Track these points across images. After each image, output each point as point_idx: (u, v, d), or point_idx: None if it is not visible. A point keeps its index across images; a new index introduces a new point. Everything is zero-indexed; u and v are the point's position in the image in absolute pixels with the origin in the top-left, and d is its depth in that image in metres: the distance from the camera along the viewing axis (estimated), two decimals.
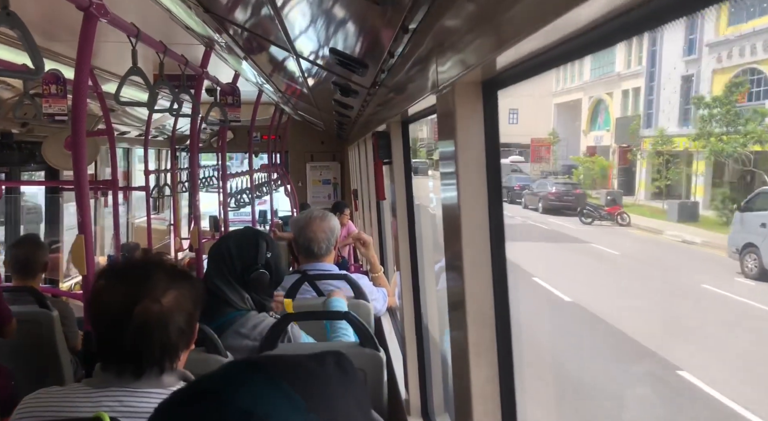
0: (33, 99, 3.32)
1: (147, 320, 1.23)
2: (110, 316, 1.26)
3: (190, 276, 1.36)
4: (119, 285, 1.27)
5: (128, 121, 6.26)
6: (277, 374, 0.53)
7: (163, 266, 1.31)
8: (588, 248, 11.95)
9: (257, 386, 0.51)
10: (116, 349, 1.27)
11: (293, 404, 0.50)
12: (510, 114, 23.31)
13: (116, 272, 1.33)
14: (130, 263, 1.36)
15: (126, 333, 1.24)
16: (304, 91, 3.69)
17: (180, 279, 1.30)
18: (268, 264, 2.06)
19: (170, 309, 1.25)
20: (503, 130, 0.98)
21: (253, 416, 0.48)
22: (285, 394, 0.50)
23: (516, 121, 24.03)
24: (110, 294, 1.27)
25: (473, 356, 1.05)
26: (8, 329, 2.90)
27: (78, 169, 2.15)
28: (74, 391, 1.31)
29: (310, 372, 0.54)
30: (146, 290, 1.25)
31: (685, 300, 7.75)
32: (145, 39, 2.49)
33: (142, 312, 1.23)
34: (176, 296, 1.27)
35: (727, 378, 5.79)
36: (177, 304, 1.27)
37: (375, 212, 4.57)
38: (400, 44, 1.30)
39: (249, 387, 0.51)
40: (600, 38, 0.65)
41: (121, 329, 1.24)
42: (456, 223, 1.10)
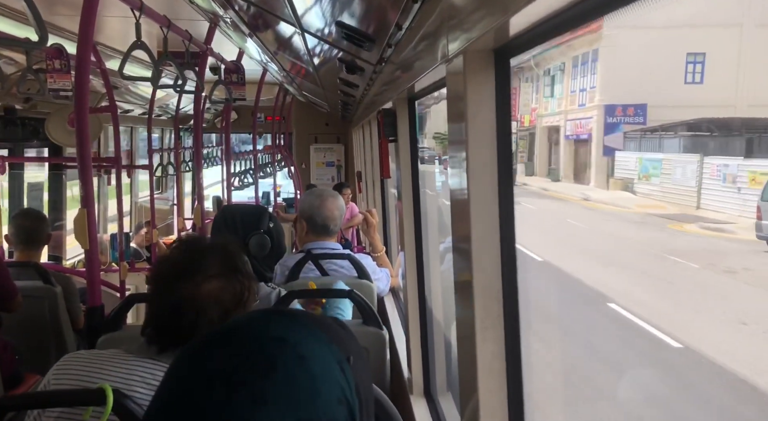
0: (36, 74, 3.30)
1: (181, 302, 1.24)
2: (158, 284, 1.29)
3: (244, 273, 1.32)
4: (177, 257, 1.30)
5: (132, 100, 6.23)
6: (299, 314, 0.60)
7: (223, 254, 1.30)
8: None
9: (285, 321, 0.57)
10: (154, 317, 1.30)
11: (317, 336, 0.56)
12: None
13: (183, 244, 1.34)
14: (196, 239, 1.36)
15: (164, 305, 1.27)
16: (309, 70, 3.65)
17: (231, 272, 1.29)
18: (270, 232, 2.08)
19: (206, 298, 1.25)
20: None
21: (287, 342, 0.54)
22: (309, 328, 0.57)
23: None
24: (166, 264, 1.30)
25: (480, 331, 1.04)
26: (13, 304, 2.91)
27: (81, 144, 2.14)
28: (112, 356, 1.32)
29: (324, 319, 0.61)
30: (191, 272, 1.25)
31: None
32: (148, 13, 2.46)
33: (178, 293, 1.24)
34: (219, 287, 1.26)
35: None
36: (215, 295, 1.26)
37: (379, 193, 4.56)
38: (409, 15, 1.27)
39: (278, 322, 0.57)
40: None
41: (163, 300, 1.27)
42: (465, 198, 1.08)
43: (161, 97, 6.20)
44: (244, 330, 0.56)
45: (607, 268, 8.24)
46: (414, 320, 2.37)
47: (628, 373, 5.49)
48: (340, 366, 0.55)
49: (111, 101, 4.37)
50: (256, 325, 0.56)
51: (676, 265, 7.54)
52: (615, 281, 7.56)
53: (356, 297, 2.10)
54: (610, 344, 6.10)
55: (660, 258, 8.07)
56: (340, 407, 0.53)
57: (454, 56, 0.99)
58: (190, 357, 0.56)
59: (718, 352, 5.22)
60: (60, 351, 3.13)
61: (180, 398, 0.53)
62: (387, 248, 4.20)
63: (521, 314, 1.11)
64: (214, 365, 0.53)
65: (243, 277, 1.31)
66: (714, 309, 6.45)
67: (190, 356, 0.56)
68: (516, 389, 1.06)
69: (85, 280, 2.53)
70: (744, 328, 5.89)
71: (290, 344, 0.54)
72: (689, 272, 7.33)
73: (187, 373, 0.54)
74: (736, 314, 6.13)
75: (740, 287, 6.72)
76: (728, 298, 6.58)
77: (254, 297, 1.38)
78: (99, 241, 2.34)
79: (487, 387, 1.05)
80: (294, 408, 0.51)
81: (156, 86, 3.15)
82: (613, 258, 8.72)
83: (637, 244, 8.89)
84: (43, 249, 3.44)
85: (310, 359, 0.53)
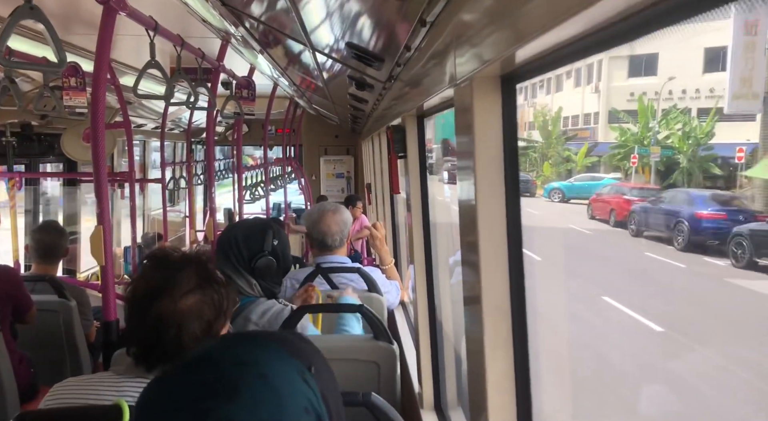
0: (53, 91, 3.36)
1: (162, 318, 1.23)
2: (135, 304, 1.28)
3: (221, 283, 1.32)
4: (151, 275, 1.28)
5: (145, 114, 6.31)
6: (260, 335, 0.64)
7: (197, 266, 1.29)
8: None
9: (246, 344, 0.61)
10: (136, 337, 1.29)
11: (278, 353, 0.59)
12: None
13: (153, 260, 1.32)
14: (167, 254, 1.33)
15: (144, 325, 1.25)
16: (318, 85, 3.69)
17: (208, 284, 1.28)
18: (275, 252, 2.08)
19: (187, 313, 1.24)
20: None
21: (248, 364, 0.56)
22: (270, 347, 0.60)
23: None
24: (141, 282, 1.29)
25: (489, 349, 1.06)
26: (28, 317, 2.95)
27: (97, 160, 2.18)
28: (102, 379, 1.34)
29: (284, 335, 0.64)
30: (170, 288, 1.24)
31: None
32: (163, 32, 2.51)
33: (159, 310, 1.23)
34: (197, 301, 1.25)
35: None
36: (196, 309, 1.25)
37: (389, 206, 4.58)
38: (417, 37, 1.30)
39: (239, 346, 0.61)
40: (622, 32, 0.64)
41: (141, 319, 1.26)
42: (473, 217, 1.10)
43: (174, 111, 6.28)
44: (207, 358, 0.59)
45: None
46: (424, 333, 2.38)
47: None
48: (302, 377, 0.58)
49: (125, 117, 4.44)
50: (219, 351, 0.59)
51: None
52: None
53: (366, 312, 2.12)
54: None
55: None
56: (307, 416, 0.56)
57: (462, 81, 1.02)
58: (158, 388, 0.58)
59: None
60: (74, 364, 3.16)
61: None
62: (397, 261, 4.21)
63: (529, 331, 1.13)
64: (182, 394, 0.56)
65: (220, 286, 1.30)
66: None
67: (158, 386, 0.58)
68: (525, 408, 1.07)
69: (100, 294, 2.57)
70: None
71: (251, 365, 0.56)
72: None
73: (157, 403, 0.57)
74: None
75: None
76: None
77: (234, 304, 1.37)
78: (112, 256, 2.37)
79: (496, 405, 1.06)
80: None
81: (169, 103, 3.20)
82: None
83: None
84: (59, 263, 3.49)
85: (271, 376, 0.56)
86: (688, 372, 5.48)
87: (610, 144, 12.49)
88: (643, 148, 10.63)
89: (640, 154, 10.67)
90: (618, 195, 8.99)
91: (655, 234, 7.45)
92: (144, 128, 6.83)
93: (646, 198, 8.25)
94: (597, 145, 13.62)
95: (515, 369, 1.06)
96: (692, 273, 6.74)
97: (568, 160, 15.31)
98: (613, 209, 8.76)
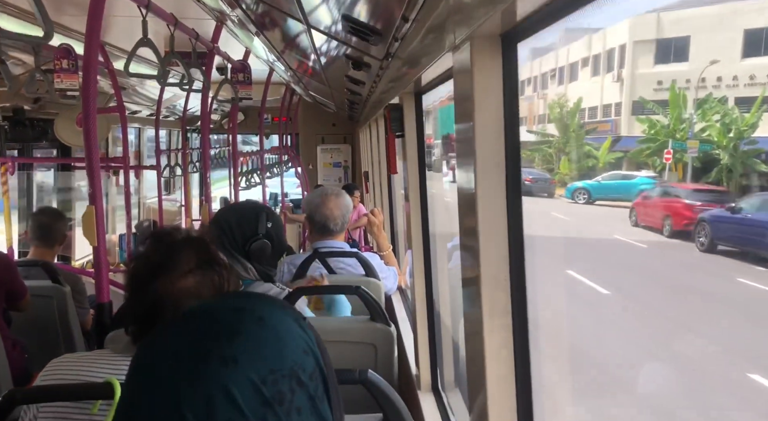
0: (45, 74, 3.32)
1: (160, 298, 1.22)
2: (134, 283, 1.27)
3: (222, 264, 1.31)
4: (150, 254, 1.27)
5: (140, 100, 6.26)
6: (256, 293, 0.65)
7: (197, 247, 1.28)
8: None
9: (237, 295, 0.62)
10: (133, 316, 1.27)
11: (271, 301, 0.60)
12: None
13: (154, 239, 1.31)
14: (169, 234, 1.31)
15: (142, 304, 1.24)
16: (315, 69, 3.65)
17: (208, 265, 1.27)
18: (269, 234, 2.05)
19: (185, 293, 1.23)
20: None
21: (244, 309, 0.57)
22: (261, 297, 0.61)
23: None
24: (141, 261, 1.27)
25: (487, 320, 1.03)
26: (23, 303, 2.92)
27: (89, 143, 2.15)
28: (99, 356, 1.32)
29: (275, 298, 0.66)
30: (168, 267, 1.23)
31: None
32: (155, 10, 2.47)
33: (157, 290, 1.22)
34: (196, 281, 1.24)
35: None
36: (195, 290, 1.24)
37: (386, 192, 4.55)
38: (415, 7, 1.27)
39: (231, 297, 0.63)
40: None
41: (139, 298, 1.25)
42: (472, 191, 1.07)
43: (168, 98, 6.23)
44: (203, 308, 0.58)
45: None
46: (421, 316, 2.37)
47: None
48: (298, 324, 0.58)
49: (119, 102, 4.39)
50: (215, 302, 0.60)
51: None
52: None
53: (364, 293, 2.10)
54: None
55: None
56: (307, 356, 0.56)
57: (461, 43, 0.99)
58: (154, 340, 0.57)
59: None
60: (69, 350, 3.14)
61: (150, 380, 0.54)
62: (394, 246, 4.19)
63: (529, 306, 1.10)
64: (180, 341, 0.55)
65: (220, 267, 1.29)
66: None
67: (154, 339, 0.57)
68: (524, 380, 1.05)
69: (94, 281, 2.54)
70: None
71: (248, 310, 0.57)
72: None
73: (155, 353, 0.55)
74: None
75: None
76: None
77: (236, 287, 1.35)
78: (107, 241, 2.35)
79: (495, 376, 1.04)
80: (264, 361, 0.53)
81: (163, 84, 3.16)
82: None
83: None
84: (58, 248, 3.45)
85: (269, 319, 0.57)
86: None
87: (636, 138, 11.13)
88: (679, 143, 9.34)
89: (675, 148, 9.33)
90: (674, 199, 7.37)
91: (735, 250, 5.56)
92: (139, 115, 6.78)
93: (715, 202, 6.63)
94: (620, 139, 12.34)
95: (514, 340, 1.04)
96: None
97: (588, 155, 13.96)
98: (668, 216, 7.09)
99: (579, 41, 12.60)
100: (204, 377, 0.51)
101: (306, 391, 0.54)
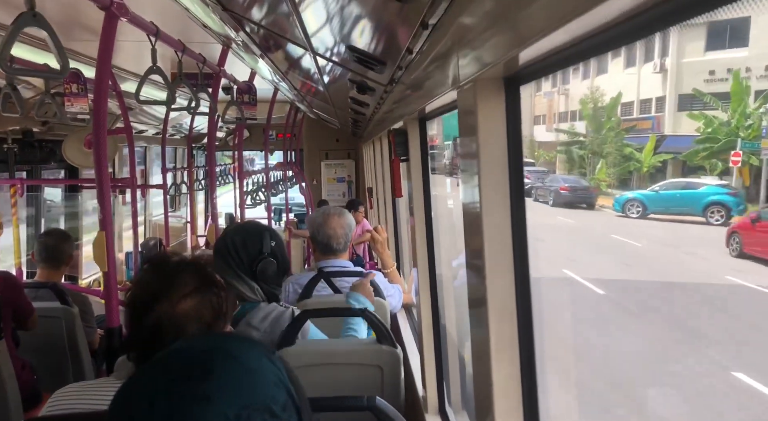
0: (54, 98, 3.37)
1: (161, 322, 1.23)
2: (134, 309, 1.28)
3: (220, 285, 1.32)
4: (149, 280, 1.28)
5: (146, 120, 6.32)
6: (218, 333, 0.72)
7: (194, 270, 1.29)
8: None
9: (209, 337, 0.65)
10: (136, 342, 1.29)
11: (241, 339, 0.63)
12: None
13: (152, 265, 1.33)
14: (165, 259, 1.33)
15: (143, 329, 1.25)
16: (319, 89, 3.70)
17: (207, 287, 1.28)
18: (274, 253, 2.07)
19: (185, 316, 1.24)
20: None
21: (217, 349, 0.60)
22: (232, 336, 0.64)
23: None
24: (140, 287, 1.29)
25: (495, 352, 1.05)
26: (30, 322, 2.95)
27: (99, 167, 2.18)
28: (102, 385, 1.34)
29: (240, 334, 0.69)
30: (167, 292, 1.24)
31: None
32: (164, 38, 2.52)
33: (157, 314, 1.23)
34: (196, 304, 1.25)
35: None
36: (195, 312, 1.25)
37: (390, 209, 4.57)
38: (419, 41, 1.30)
39: (203, 340, 0.64)
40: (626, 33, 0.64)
41: (140, 324, 1.26)
42: (477, 220, 1.10)
43: (175, 117, 6.29)
44: (175, 351, 0.61)
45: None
46: (428, 336, 2.38)
47: None
48: (268, 358, 0.61)
49: (126, 123, 4.44)
50: (186, 344, 0.62)
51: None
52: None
53: (369, 316, 2.11)
54: None
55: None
56: (278, 389, 0.58)
57: (465, 83, 1.02)
58: (131, 383, 0.59)
59: None
60: (77, 371, 3.16)
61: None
62: (399, 264, 4.20)
63: (536, 334, 1.12)
64: (155, 384, 0.57)
65: (218, 288, 1.30)
66: None
67: (131, 382, 0.59)
68: (532, 410, 1.07)
69: (103, 300, 2.56)
70: None
71: (219, 349, 0.60)
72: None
73: (131, 397, 0.58)
74: None
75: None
76: None
77: (233, 306, 1.37)
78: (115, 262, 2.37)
79: (503, 408, 1.05)
80: (237, 397, 0.55)
81: (170, 109, 3.21)
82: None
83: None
84: (65, 269, 3.49)
85: (240, 356, 0.59)
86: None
87: (685, 137, 8.80)
88: (749, 143, 7.63)
89: (745, 149, 7.64)
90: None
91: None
92: (145, 134, 6.85)
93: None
94: (665, 139, 9.92)
95: (521, 373, 1.06)
96: None
97: (627, 158, 11.06)
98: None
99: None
100: (179, 418, 0.54)
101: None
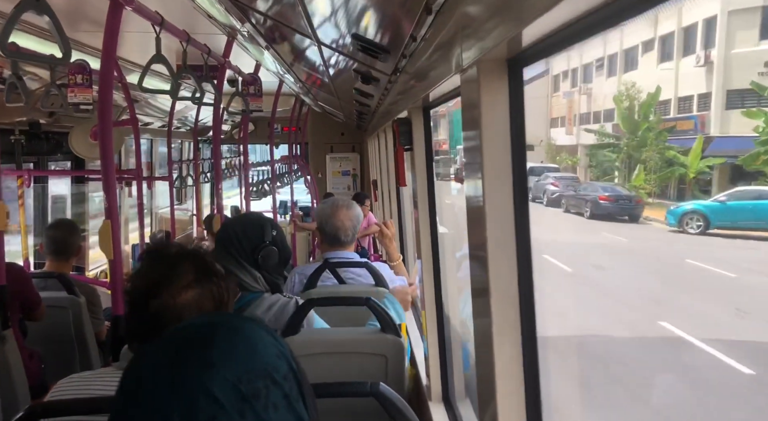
0: (60, 89, 3.38)
1: (161, 313, 1.22)
2: (134, 300, 1.27)
3: (220, 275, 1.31)
4: (148, 271, 1.27)
5: (151, 113, 6.34)
6: (227, 313, 0.71)
7: (194, 260, 1.28)
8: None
9: (214, 314, 0.70)
10: (136, 333, 1.29)
11: (241, 317, 0.64)
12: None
13: (150, 256, 1.32)
14: (164, 249, 1.32)
15: (144, 320, 1.25)
16: (324, 81, 3.70)
17: (207, 277, 1.27)
18: (276, 242, 2.08)
19: (186, 307, 1.23)
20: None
21: (218, 323, 0.62)
22: (237, 315, 0.65)
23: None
24: (139, 278, 1.28)
25: (497, 335, 1.06)
26: (38, 313, 2.97)
27: (104, 156, 2.19)
28: (104, 374, 1.35)
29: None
30: (167, 283, 1.23)
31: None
32: (168, 28, 2.52)
33: (157, 305, 1.22)
34: (196, 294, 1.24)
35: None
36: (195, 303, 1.24)
37: (395, 201, 4.58)
38: (423, 27, 1.30)
39: (209, 315, 0.69)
40: (628, 7, 0.64)
41: (140, 315, 1.25)
42: (480, 205, 1.10)
43: (180, 109, 6.30)
44: (178, 328, 0.63)
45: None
46: (432, 326, 2.39)
47: None
48: (270, 334, 0.63)
49: (132, 115, 4.46)
50: (189, 322, 0.65)
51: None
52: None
53: (373, 305, 2.12)
54: None
55: None
56: (280, 360, 0.60)
57: (468, 67, 1.02)
58: (137, 359, 0.62)
59: None
60: (84, 361, 3.18)
61: (132, 393, 0.58)
62: (403, 256, 4.21)
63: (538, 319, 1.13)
64: (159, 356, 0.60)
65: (219, 279, 1.29)
66: None
67: (137, 358, 0.62)
68: (533, 393, 1.07)
69: (109, 290, 2.58)
70: None
71: (221, 323, 0.62)
72: None
73: (137, 370, 0.61)
74: None
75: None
76: None
77: (234, 295, 1.36)
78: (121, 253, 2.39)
79: (504, 391, 1.06)
80: (239, 363, 0.58)
81: (175, 99, 3.22)
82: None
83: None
84: (73, 260, 3.50)
85: (242, 329, 0.61)
86: None
87: (736, 138, 8.06)
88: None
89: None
90: None
91: None
92: (151, 127, 6.87)
93: None
94: (712, 141, 9.10)
95: (523, 355, 1.06)
96: None
97: (670, 163, 10.08)
98: None
99: (636, 21, 8.67)
100: (185, 382, 0.56)
101: (281, 389, 0.58)
